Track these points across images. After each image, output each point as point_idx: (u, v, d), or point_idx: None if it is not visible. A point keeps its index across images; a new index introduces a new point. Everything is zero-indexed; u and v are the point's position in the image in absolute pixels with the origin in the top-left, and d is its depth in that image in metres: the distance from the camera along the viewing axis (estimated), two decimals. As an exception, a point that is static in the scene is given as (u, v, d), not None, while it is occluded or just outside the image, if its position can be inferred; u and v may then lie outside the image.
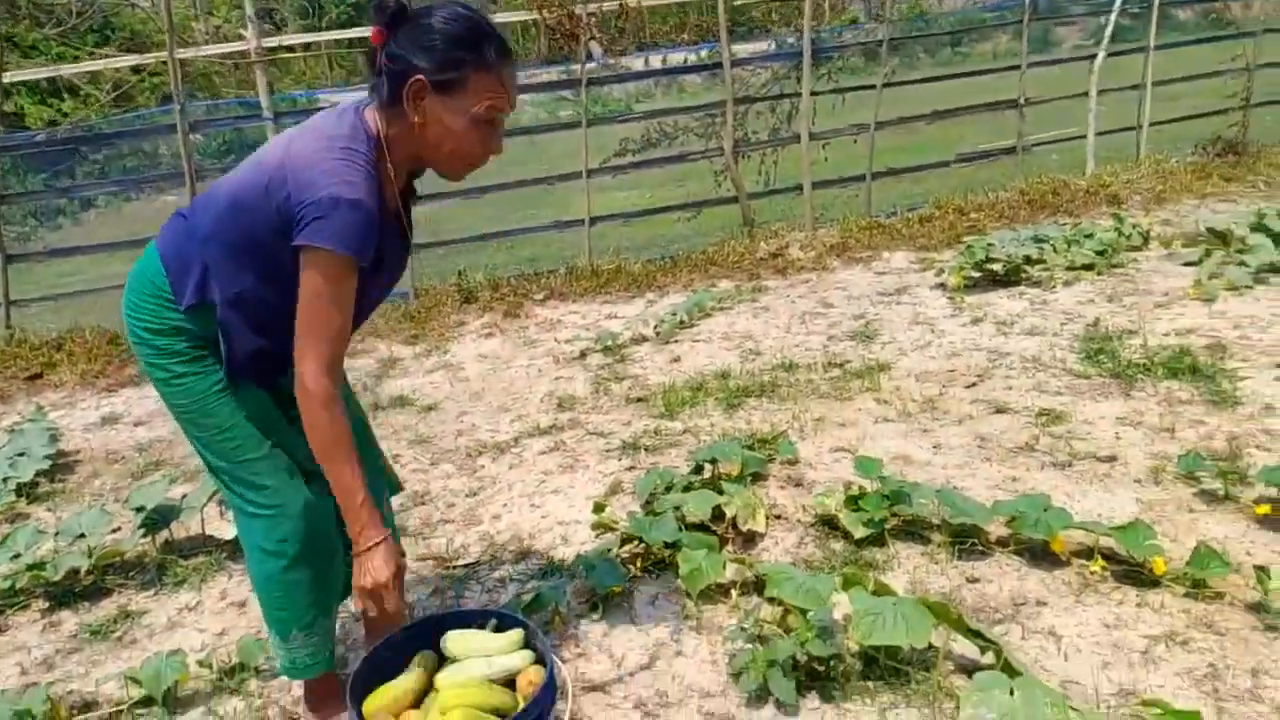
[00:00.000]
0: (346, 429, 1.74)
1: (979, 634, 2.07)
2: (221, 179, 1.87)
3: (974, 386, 3.99)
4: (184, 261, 1.85)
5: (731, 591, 2.56)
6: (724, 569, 2.54)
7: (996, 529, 2.73)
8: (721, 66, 6.82)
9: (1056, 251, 5.56)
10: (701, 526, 2.85)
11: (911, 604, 2.08)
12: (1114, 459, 3.15)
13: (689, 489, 3.02)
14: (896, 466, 3.28)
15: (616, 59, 8.33)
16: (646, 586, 2.67)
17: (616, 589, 2.56)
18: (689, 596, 2.55)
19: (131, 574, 3.11)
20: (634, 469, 3.54)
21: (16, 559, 3.02)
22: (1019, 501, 2.64)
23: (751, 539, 2.87)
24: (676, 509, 2.85)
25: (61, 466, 4.24)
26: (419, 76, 1.70)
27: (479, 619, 2.02)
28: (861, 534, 2.72)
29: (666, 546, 2.70)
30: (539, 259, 7.80)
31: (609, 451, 3.76)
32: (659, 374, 4.72)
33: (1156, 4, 7.78)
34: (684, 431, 3.88)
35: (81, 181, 12.46)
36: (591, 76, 6.83)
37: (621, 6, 6.36)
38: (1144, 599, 2.35)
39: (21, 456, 4.07)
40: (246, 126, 9.50)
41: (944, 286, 5.54)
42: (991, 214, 7.00)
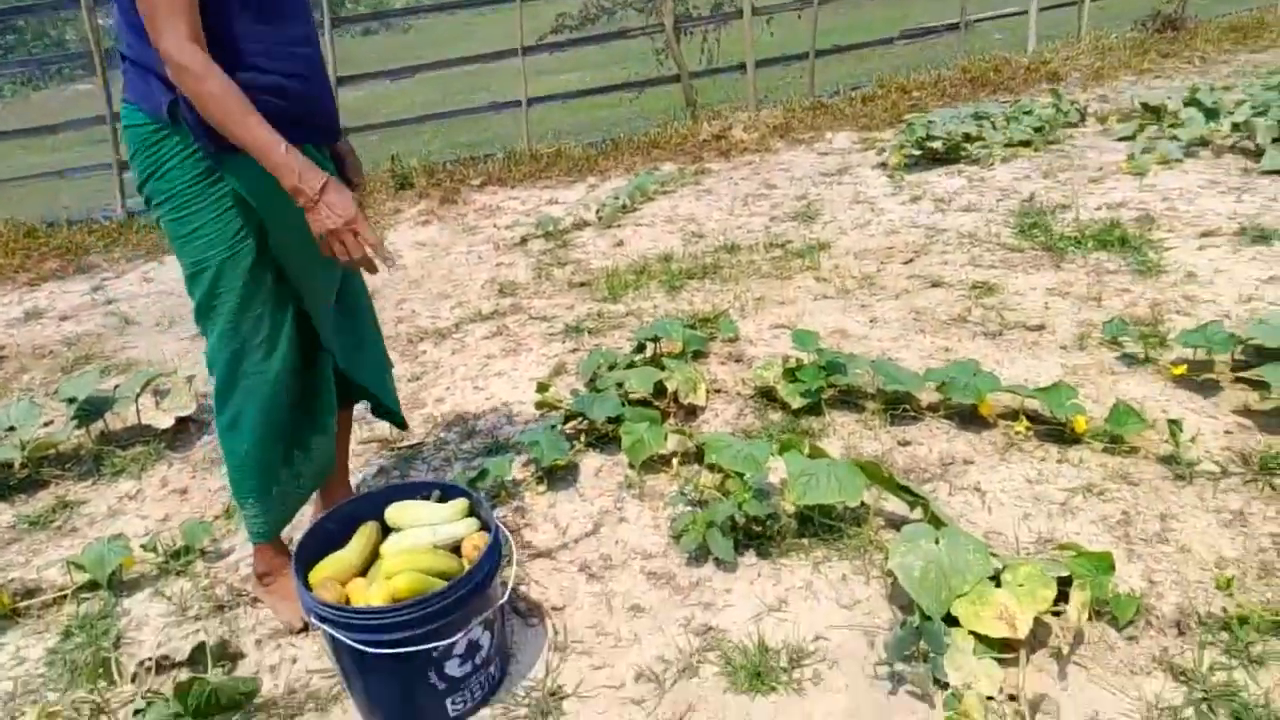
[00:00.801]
0: (235, 89, 1.65)
1: (908, 490, 2.16)
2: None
3: (911, 262, 4.05)
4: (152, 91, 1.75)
5: (673, 461, 2.62)
6: (665, 440, 2.59)
7: (928, 396, 2.82)
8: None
9: (996, 129, 5.57)
10: (644, 402, 2.89)
11: (844, 465, 2.16)
12: (1042, 328, 3.25)
13: (631, 367, 3.04)
14: (834, 340, 3.34)
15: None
16: (590, 460, 2.72)
17: (561, 462, 2.60)
18: (632, 467, 2.60)
19: (68, 465, 3.06)
20: (577, 351, 3.55)
21: (-56, 454, 2.94)
22: (950, 369, 2.72)
23: (693, 412, 2.92)
24: (619, 386, 2.88)
25: (-15, 363, 4.11)
26: None
27: (423, 490, 2.04)
28: (799, 404, 2.79)
29: (610, 421, 2.73)
30: (476, 144, 7.59)
31: (552, 335, 3.75)
32: (601, 258, 4.69)
33: None
34: (627, 314, 3.88)
35: None
36: (524, -53, 6.50)
37: None
38: (1064, 455, 2.46)
39: (-60, 353, 3.91)
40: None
41: (885, 166, 5.54)
42: (934, 92, 6.96)
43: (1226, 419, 2.55)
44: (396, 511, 1.98)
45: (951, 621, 1.79)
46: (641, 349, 3.25)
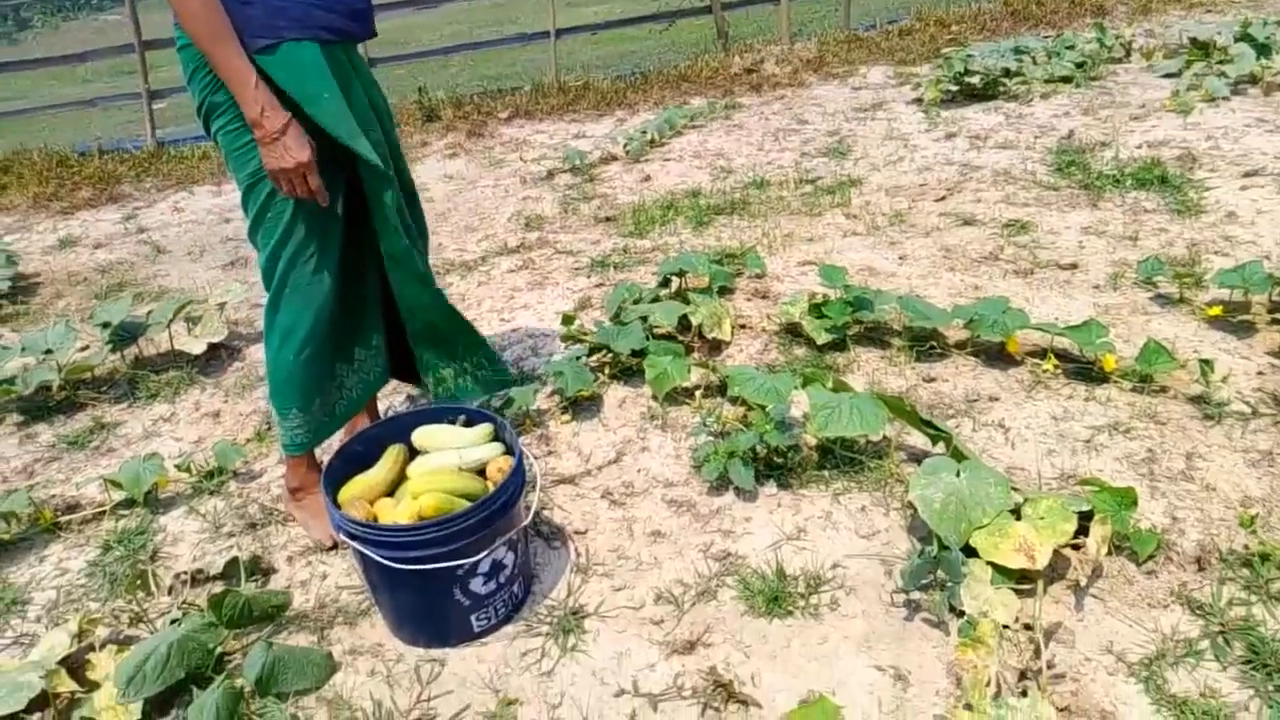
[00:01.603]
0: (220, 12, 1.70)
1: (930, 425, 2.15)
2: None
3: (943, 200, 3.98)
4: None
5: (696, 394, 2.63)
6: (689, 373, 2.59)
7: (955, 333, 2.79)
8: None
9: (1036, 64, 5.41)
10: (668, 336, 2.89)
11: (866, 398, 2.15)
12: (1075, 266, 3.19)
13: (656, 301, 3.03)
14: (862, 277, 3.30)
15: None
16: (614, 391, 2.74)
17: (585, 393, 2.62)
18: (655, 399, 2.62)
19: (103, 389, 3.13)
20: (602, 285, 3.55)
21: (-15, 375, 3.02)
22: (978, 305, 2.68)
23: (717, 347, 2.92)
24: (644, 319, 2.88)
25: (22, 289, 4.18)
26: None
27: (449, 415, 2.07)
28: (824, 340, 2.78)
29: (634, 354, 2.74)
30: (503, 77, 7.51)
31: (578, 269, 3.75)
32: (628, 193, 4.65)
33: None
34: (653, 249, 3.86)
35: None
36: None
37: None
38: (1092, 394, 2.44)
39: (-21, 279, 3.99)
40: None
41: (920, 101, 5.41)
42: (973, 26, 6.75)
43: (1260, 360, 2.51)
44: (423, 435, 2.01)
45: (970, 553, 1.80)
46: (667, 283, 3.23)
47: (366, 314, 2.18)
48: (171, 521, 2.35)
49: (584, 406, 2.66)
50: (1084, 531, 1.82)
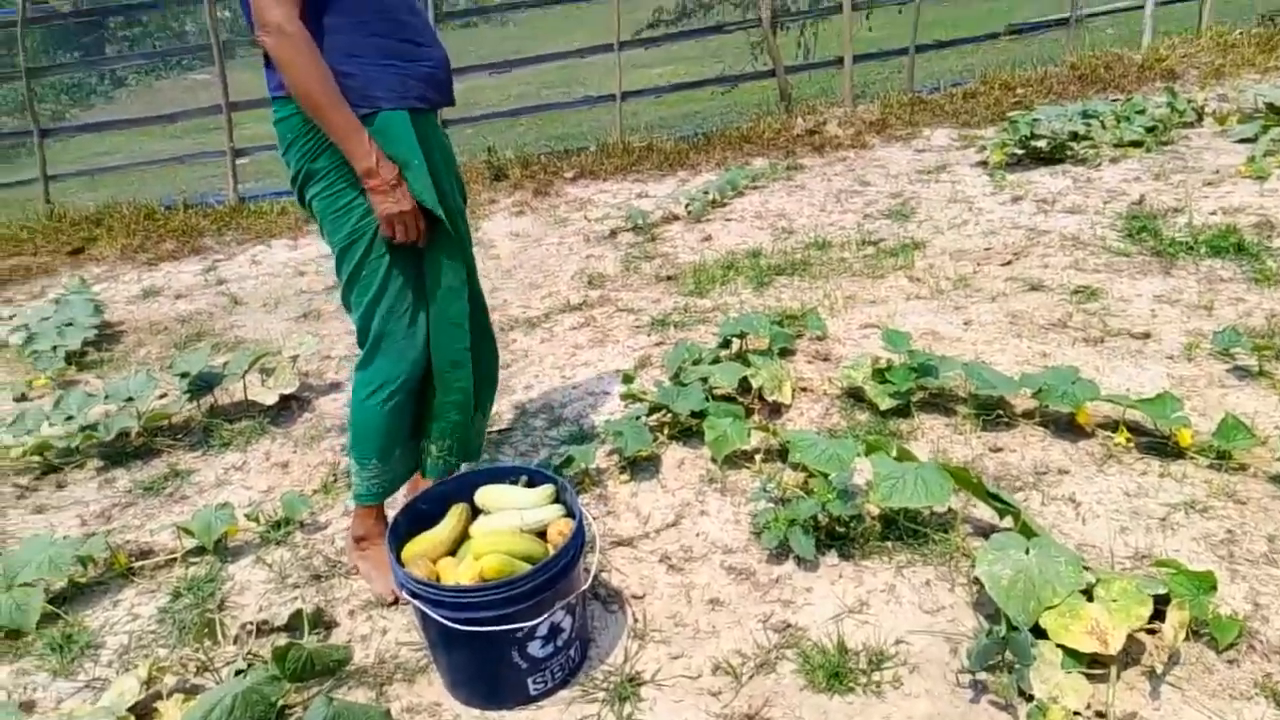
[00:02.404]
0: (329, 72, 1.80)
1: (998, 498, 2.11)
2: None
3: (1009, 264, 3.93)
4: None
5: (756, 458, 2.62)
6: (749, 436, 2.59)
7: (1023, 402, 2.74)
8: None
9: (1105, 128, 5.36)
10: (728, 398, 2.90)
11: (932, 468, 2.12)
12: (1148, 335, 3.12)
13: (716, 362, 3.04)
14: (925, 342, 3.27)
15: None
16: (673, 452, 2.74)
17: (644, 453, 2.63)
18: (714, 461, 2.61)
19: (179, 436, 3.24)
20: (663, 344, 3.58)
21: (70, 421, 3.16)
22: (1047, 374, 2.63)
23: (777, 410, 2.91)
24: (704, 380, 2.89)
25: (107, 336, 4.37)
26: None
27: (512, 475, 2.10)
28: (887, 405, 2.75)
29: (693, 415, 2.75)
30: (569, 137, 7.68)
31: (638, 327, 3.78)
32: (689, 252, 4.70)
33: None
34: (713, 309, 3.88)
35: (110, 57, 12.26)
36: (624, -59, 6.54)
37: None
38: (1167, 469, 2.37)
39: (69, 326, 4.19)
40: None
41: (985, 164, 5.39)
42: (1039, 89, 6.72)
43: (1348, 439, 2.41)
44: (486, 495, 2.04)
45: (1039, 634, 1.74)
46: (727, 344, 3.25)
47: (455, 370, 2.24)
48: (239, 570, 2.40)
49: (642, 467, 2.67)
50: (1160, 615, 1.75)
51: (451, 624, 1.69)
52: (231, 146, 6.29)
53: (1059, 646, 1.71)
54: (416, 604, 1.73)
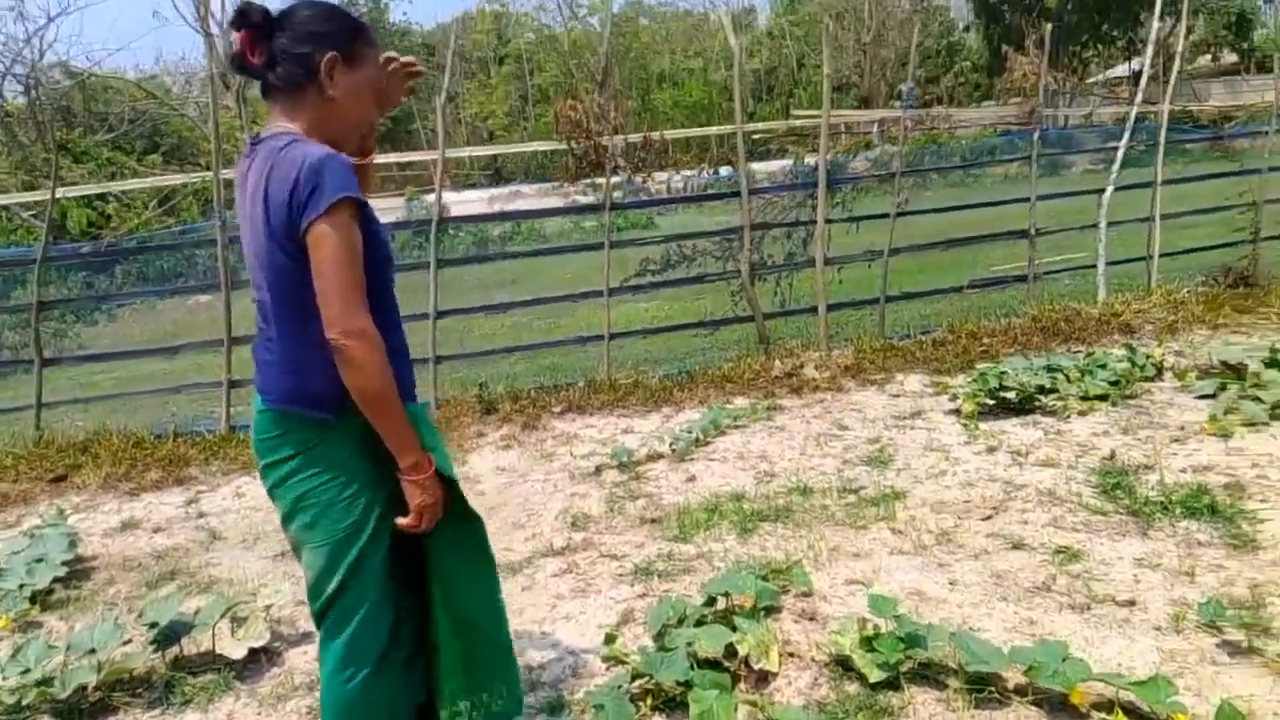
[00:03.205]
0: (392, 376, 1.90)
1: (996, 794, 2.02)
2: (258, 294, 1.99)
3: (990, 519, 3.98)
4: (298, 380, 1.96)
5: (743, 734, 2.52)
6: (735, 711, 2.51)
7: (1014, 676, 2.68)
8: (739, 195, 7.07)
9: (1070, 380, 5.60)
10: (714, 663, 2.82)
11: (927, 759, 2.05)
12: (1133, 603, 3.11)
13: (701, 622, 3.00)
14: (912, 603, 3.25)
15: (642, 180, 8.64)
16: (657, 725, 2.63)
17: (627, 728, 2.52)
18: (700, 738, 2.51)
19: (139, 691, 3.09)
20: (646, 595, 3.53)
21: (26, 674, 3.02)
22: (1036, 650, 2.61)
23: (765, 677, 2.84)
24: (689, 644, 2.83)
25: (78, 573, 4.26)
26: (334, 53, 1.94)
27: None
28: (876, 677, 2.69)
29: (678, 684, 2.67)
30: (559, 368, 7.94)
31: (621, 576, 3.75)
32: (674, 493, 4.74)
33: (1162, 141, 8.05)
34: (698, 556, 3.87)
35: (118, 292, 12.68)
36: (615, 202, 7.09)
37: (645, 138, 6.66)
38: (1166, 758, 2.29)
39: (39, 563, 4.10)
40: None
41: (958, 412, 5.57)
42: (1004, 339, 7.08)
43: (1346, 727, 2.36)
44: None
45: None
46: (712, 602, 3.21)
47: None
48: None
49: (625, 742, 2.55)
50: None
51: None
52: (228, 378, 6.45)
53: None
54: None
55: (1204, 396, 5.32)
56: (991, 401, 5.50)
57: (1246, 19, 36.89)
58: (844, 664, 2.84)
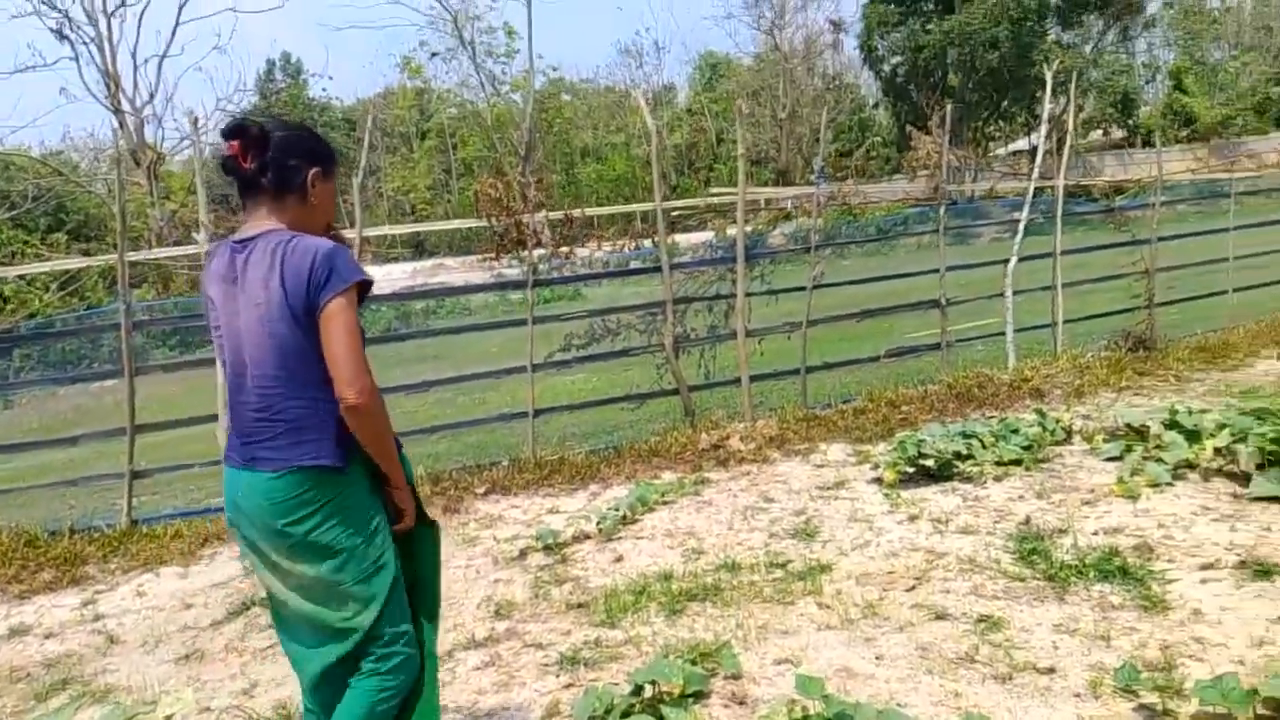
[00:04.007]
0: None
1: None
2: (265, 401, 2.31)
3: (913, 590, 4.01)
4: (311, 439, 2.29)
5: (672, 833, 2.43)
6: (663, 808, 2.42)
7: (941, 754, 2.67)
8: (661, 270, 7.17)
9: (985, 446, 5.74)
10: (641, 756, 2.74)
11: None
12: (1053, 670, 3.15)
13: (629, 713, 2.93)
14: (840, 680, 3.23)
15: (565, 255, 8.69)
16: (582, 828, 2.53)
17: (550, 834, 2.41)
18: (627, 841, 2.41)
19: (19, 822, 2.84)
20: (572, 686, 3.43)
21: (-110, 809, 2.75)
22: (961, 725, 2.60)
23: (693, 768, 2.76)
24: (615, 738, 2.74)
25: (-43, 689, 3.94)
26: (317, 168, 2.40)
27: None
28: (805, 763, 2.64)
29: (604, 782, 2.57)
30: (483, 446, 7.81)
31: (547, 666, 3.64)
32: (601, 576, 4.65)
33: (1059, 214, 8.50)
34: (625, 641, 3.79)
35: (16, 380, 11.95)
36: (538, 279, 7.11)
37: (566, 215, 6.73)
38: (1092, 833, 2.29)
39: (-88, 680, 3.78)
40: (193, 326, 9.56)
41: (880, 481, 5.65)
42: (922, 406, 7.26)
43: (1260, 790, 2.40)
44: None
45: None
46: (640, 690, 3.13)
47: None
48: None
49: None
50: None
51: None
52: (131, 469, 6.15)
53: None
54: None
55: (1111, 459, 5.51)
56: (911, 469, 5.59)
57: (1130, 98, 39.73)
58: (773, 751, 2.79)
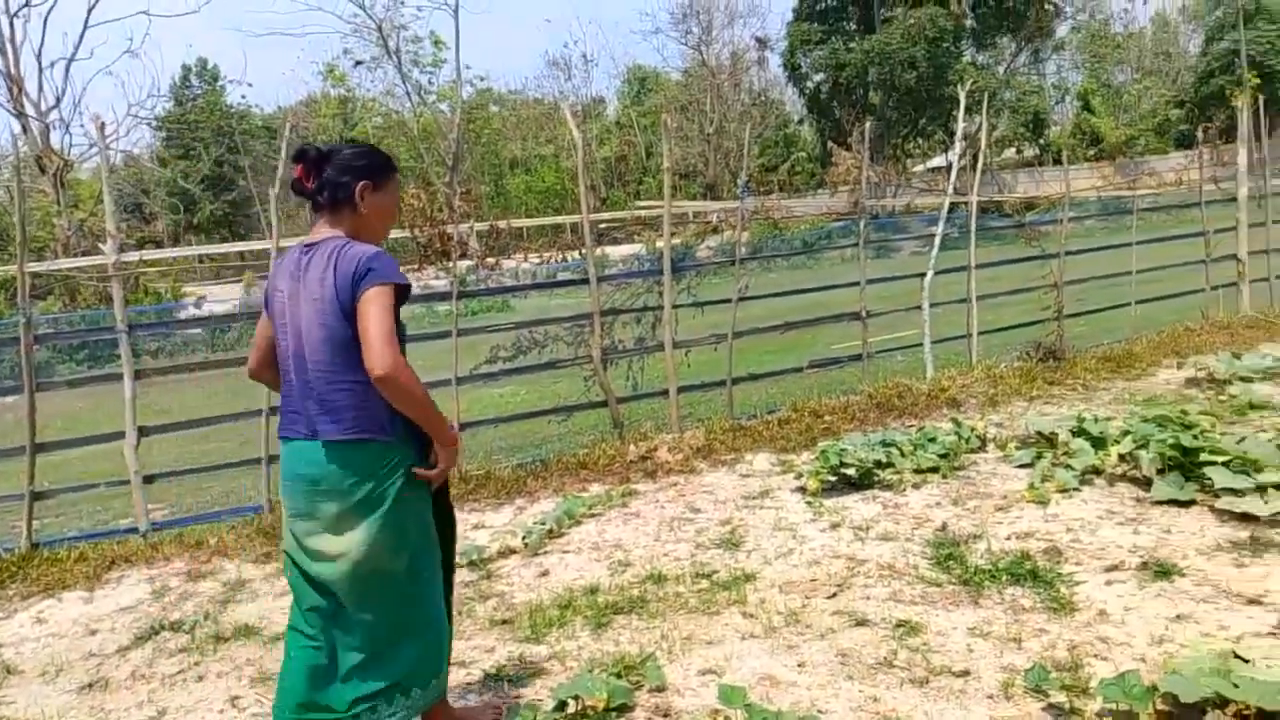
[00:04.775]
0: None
1: None
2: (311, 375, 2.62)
3: (834, 597, 4.07)
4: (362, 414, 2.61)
5: None
6: (585, 825, 2.40)
7: (860, 759, 2.72)
8: (589, 282, 7.17)
9: (904, 455, 5.88)
10: (564, 773, 2.72)
11: None
12: (968, 673, 3.23)
13: (551, 729, 2.89)
14: (763, 689, 3.26)
15: (492, 265, 8.61)
16: None
17: None
18: None
19: None
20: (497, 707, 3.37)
21: None
22: (879, 730, 2.65)
23: (616, 783, 2.75)
24: (537, 755, 2.71)
25: None
26: (366, 181, 2.71)
27: None
28: (728, 773, 2.65)
29: (526, 800, 2.54)
30: (407, 463, 7.69)
31: (470, 685, 3.58)
32: (526, 591, 4.61)
33: (973, 229, 8.79)
34: (550, 657, 3.76)
35: None
36: (464, 290, 7.03)
37: (493, 227, 6.68)
38: (1003, 831, 2.35)
39: None
40: (102, 340, 9.17)
41: (804, 490, 5.73)
42: (844, 416, 7.40)
43: (1159, 783, 2.50)
44: None
45: None
46: (563, 706, 3.11)
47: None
48: None
49: None
50: None
51: None
52: (30, 489, 5.86)
53: None
54: None
55: (1023, 465, 5.70)
56: (834, 478, 5.69)
57: (1040, 118, 41.42)
58: (696, 762, 2.80)
